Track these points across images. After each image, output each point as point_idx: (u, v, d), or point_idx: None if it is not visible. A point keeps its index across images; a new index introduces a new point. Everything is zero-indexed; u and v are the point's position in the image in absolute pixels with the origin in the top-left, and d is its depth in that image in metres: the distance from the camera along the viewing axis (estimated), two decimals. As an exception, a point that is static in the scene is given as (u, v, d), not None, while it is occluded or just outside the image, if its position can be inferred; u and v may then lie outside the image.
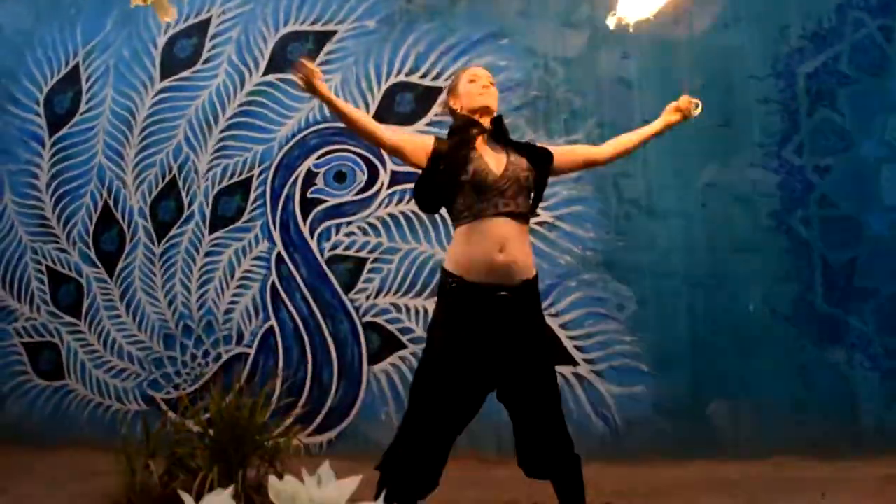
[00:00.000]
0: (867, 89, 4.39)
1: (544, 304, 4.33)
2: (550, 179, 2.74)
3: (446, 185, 2.50)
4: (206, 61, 4.99)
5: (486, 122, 2.63)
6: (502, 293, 2.41)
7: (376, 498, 2.47)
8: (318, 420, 4.44)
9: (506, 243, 2.42)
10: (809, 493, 3.50)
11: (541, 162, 2.65)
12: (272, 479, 0.97)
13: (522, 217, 2.50)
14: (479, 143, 2.60)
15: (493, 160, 2.56)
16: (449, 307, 2.44)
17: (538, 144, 2.78)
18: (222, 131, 4.90)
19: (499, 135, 2.66)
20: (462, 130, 2.61)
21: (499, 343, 2.45)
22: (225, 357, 4.69)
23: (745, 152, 4.41)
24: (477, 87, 2.65)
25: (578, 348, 4.34)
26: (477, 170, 2.49)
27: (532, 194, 2.59)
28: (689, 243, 4.37)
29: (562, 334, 4.36)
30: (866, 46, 4.41)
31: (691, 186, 4.41)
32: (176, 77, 5.01)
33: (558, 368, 4.26)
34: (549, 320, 4.33)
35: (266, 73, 4.90)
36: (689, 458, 4.05)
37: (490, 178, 2.48)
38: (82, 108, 5.10)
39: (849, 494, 3.43)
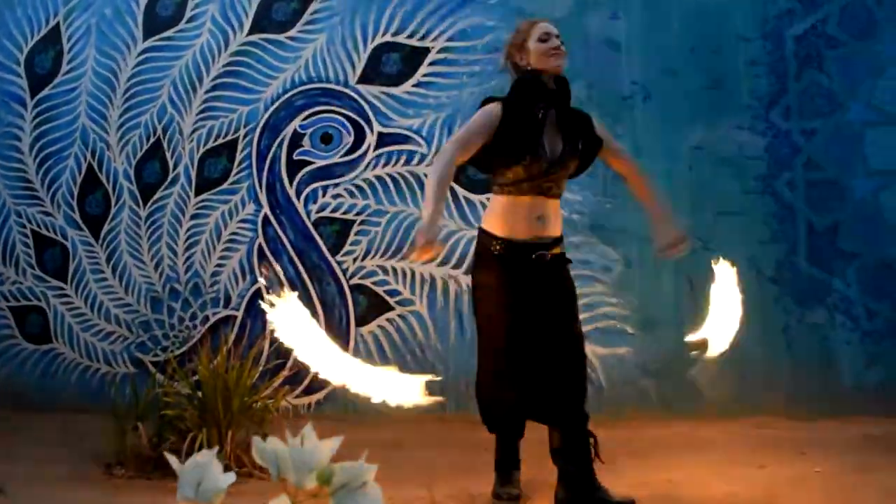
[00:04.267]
0: (855, 53, 4.40)
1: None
2: None
3: (504, 161, 2.60)
4: (190, 20, 4.94)
5: (550, 82, 2.66)
6: (542, 252, 2.61)
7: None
8: (306, 382, 4.49)
9: (545, 218, 2.63)
10: (789, 451, 3.59)
11: (589, 149, 2.76)
12: (256, 439, 1.02)
13: (559, 196, 2.71)
14: (547, 118, 2.65)
15: (552, 142, 2.64)
16: (498, 267, 2.59)
17: (594, 122, 2.81)
18: (207, 92, 4.87)
19: (562, 99, 2.69)
20: (530, 94, 2.64)
21: (542, 293, 2.62)
22: (212, 320, 4.72)
23: (732, 115, 4.43)
24: (549, 48, 2.64)
25: (564, 310, 4.40)
26: (536, 155, 2.58)
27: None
28: (675, 206, 4.36)
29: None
30: (855, 9, 4.41)
31: (678, 149, 4.43)
32: (159, 36, 4.96)
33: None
34: (535, 283, 4.39)
35: (251, 32, 4.86)
36: (672, 418, 4.14)
37: (545, 164, 2.60)
38: (64, 68, 5.05)
39: (828, 453, 3.53)
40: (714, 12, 4.48)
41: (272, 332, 2.45)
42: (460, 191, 4.55)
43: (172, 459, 1.03)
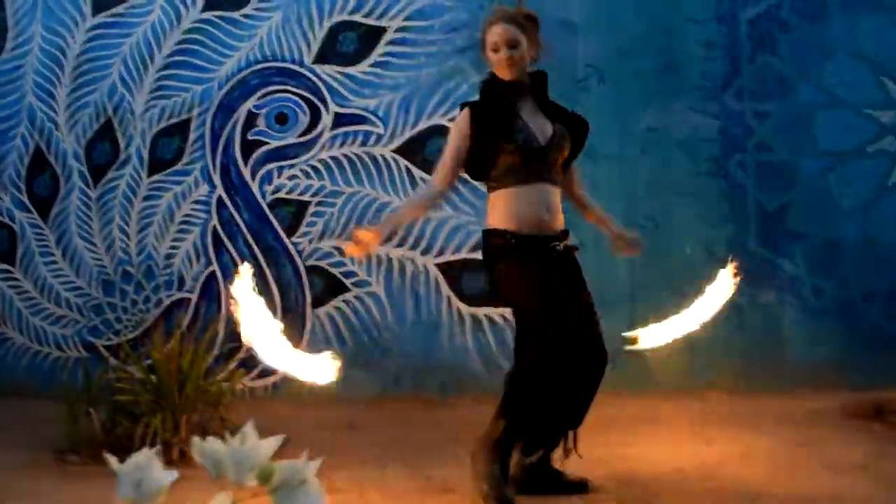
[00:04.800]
0: (806, 36, 4.49)
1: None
2: None
3: (490, 153, 2.56)
4: (141, -4, 4.84)
5: (524, 77, 2.63)
6: (554, 243, 2.58)
7: (525, 451, 2.66)
8: (263, 363, 4.47)
9: (549, 206, 2.58)
10: (738, 427, 3.70)
11: (578, 132, 2.72)
12: (195, 439, 1.02)
13: (558, 184, 2.66)
14: (520, 104, 2.61)
15: (537, 127, 2.60)
16: (515, 255, 2.53)
17: (577, 113, 2.78)
18: (159, 70, 4.79)
19: (538, 92, 2.66)
20: (500, 92, 2.61)
21: (560, 272, 2.62)
22: (166, 302, 4.68)
23: (686, 97, 4.49)
24: (498, 58, 2.59)
25: (521, 291, 4.45)
26: (525, 139, 2.55)
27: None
28: (629, 188, 4.46)
29: (505, 277, 4.44)
30: (807, -7, 4.50)
31: (632, 131, 4.48)
32: (109, 13, 4.85)
33: (500, 311, 4.37)
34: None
35: (204, 9, 4.77)
36: (624, 396, 4.22)
37: (536, 147, 2.56)
38: (8, 44, 4.92)
39: (776, 428, 3.64)
40: (668, -5, 4.53)
41: (228, 314, 2.41)
42: (417, 172, 4.56)
43: (112, 461, 1.03)
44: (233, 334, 4.48)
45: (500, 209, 2.57)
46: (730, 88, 4.50)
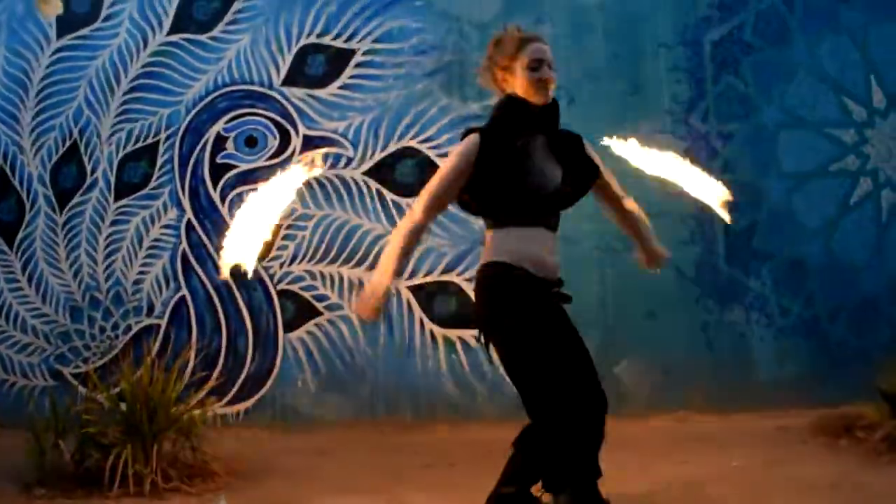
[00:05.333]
0: (769, 58, 4.59)
1: (458, 270, 4.45)
2: None
3: (495, 192, 2.32)
4: (107, 19, 4.82)
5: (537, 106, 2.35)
6: (556, 289, 2.37)
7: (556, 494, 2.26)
8: (234, 389, 4.46)
9: (551, 251, 2.38)
10: (709, 446, 3.75)
11: (586, 178, 2.51)
12: None
13: (557, 229, 2.44)
14: (535, 141, 2.37)
15: (548, 169, 2.38)
16: (517, 291, 2.30)
17: (588, 152, 2.54)
18: (125, 93, 4.76)
19: (550, 123, 2.41)
20: (520, 120, 2.35)
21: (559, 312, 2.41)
22: (135, 329, 4.63)
23: (654, 119, 4.56)
24: (538, 78, 2.31)
25: (493, 313, 4.47)
26: (535, 184, 2.32)
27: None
28: (599, 209, 4.50)
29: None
30: (769, 16, 4.60)
31: (602, 153, 4.53)
32: (74, 35, 4.83)
33: (473, 333, 4.38)
34: (463, 285, 4.45)
35: (171, 32, 4.77)
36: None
37: (544, 194, 2.34)
38: (-29, 67, 4.87)
39: (745, 447, 3.69)
40: (636, 19, 4.61)
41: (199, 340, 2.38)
42: (388, 194, 4.58)
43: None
44: (204, 360, 4.46)
45: (504, 244, 2.32)
46: (695, 110, 4.58)
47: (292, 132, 4.65)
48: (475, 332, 4.30)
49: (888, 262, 4.54)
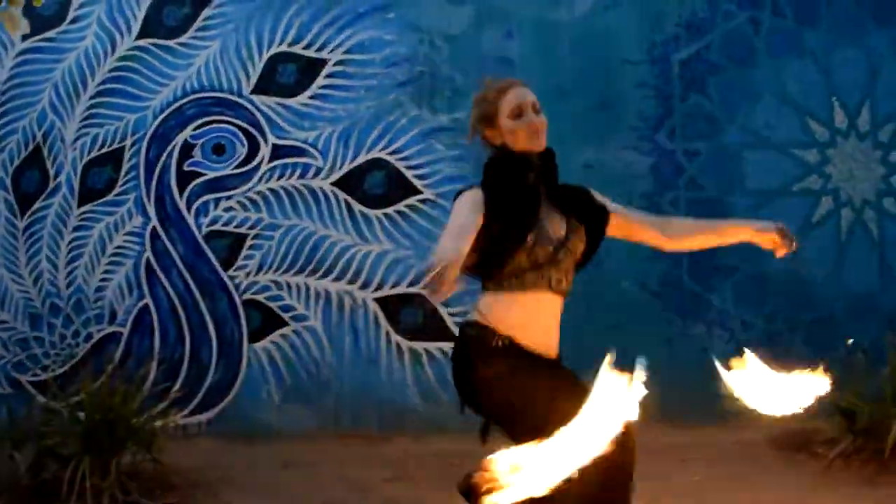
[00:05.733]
0: (734, 78, 4.69)
1: (424, 283, 4.44)
2: (441, 158, 2.26)
3: (496, 249, 2.11)
4: (74, 21, 4.76)
5: (534, 155, 2.20)
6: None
7: None
8: (197, 399, 4.41)
9: (552, 324, 2.17)
10: (669, 458, 3.79)
11: (595, 224, 2.26)
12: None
13: (567, 294, 2.22)
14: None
15: (552, 224, 2.18)
16: (501, 356, 2.10)
17: (593, 194, 2.33)
18: (91, 98, 4.71)
19: (548, 173, 2.24)
20: (518, 173, 2.17)
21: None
22: (96, 337, 4.56)
23: (621, 135, 4.62)
24: (524, 126, 2.17)
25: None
26: (538, 238, 2.12)
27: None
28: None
29: (442, 311, 4.48)
30: (735, 37, 4.70)
31: (570, 168, 4.55)
32: (40, 37, 4.76)
33: (439, 345, 4.41)
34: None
35: (140, 36, 4.73)
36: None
37: (550, 247, 2.14)
38: (-68, 67, 4.78)
39: (705, 461, 3.74)
40: (603, 35, 4.67)
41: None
42: (356, 205, 4.58)
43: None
44: (166, 370, 4.42)
45: (497, 309, 2.14)
46: (662, 128, 4.66)
47: (261, 141, 4.63)
48: (441, 343, 4.35)
49: (847, 278, 4.64)
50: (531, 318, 2.12)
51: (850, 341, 4.50)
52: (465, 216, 2.07)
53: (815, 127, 4.70)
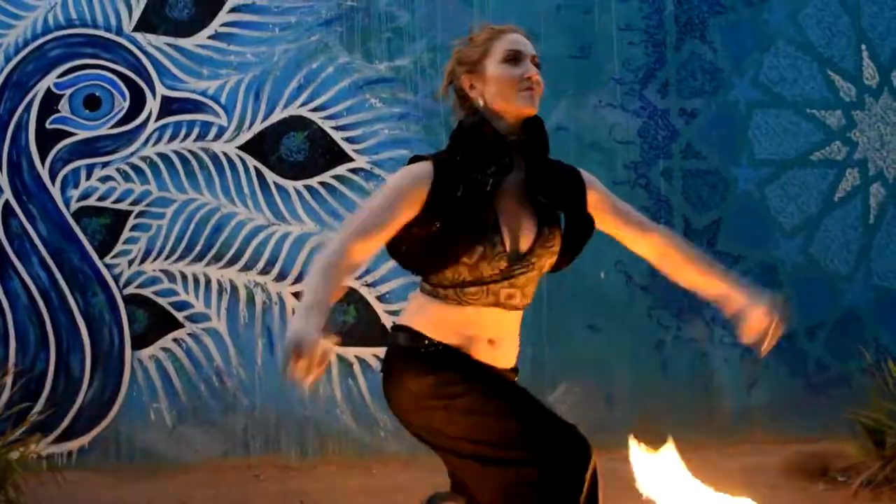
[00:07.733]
0: (742, 21, 4.76)
1: (359, 274, 4.45)
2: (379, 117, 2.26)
3: (439, 249, 2.09)
4: None
5: (515, 126, 2.14)
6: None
7: None
8: (66, 422, 4.37)
9: (503, 337, 2.17)
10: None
11: (578, 227, 2.20)
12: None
13: (524, 307, 2.21)
14: (505, 185, 2.12)
15: (517, 229, 2.13)
16: (437, 363, 2.11)
17: (585, 182, 2.23)
18: (-76, 34, 4.61)
19: (533, 152, 2.17)
20: (484, 150, 2.12)
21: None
22: (-65, 345, 4.49)
23: (602, 89, 4.68)
24: (518, 76, 2.11)
25: (401, 326, 4.51)
26: (486, 253, 2.08)
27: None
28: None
29: (378, 308, 4.50)
30: (744, -30, 4.78)
31: (538, 129, 4.62)
32: None
33: (374, 351, 4.42)
34: (363, 291, 4.48)
35: (-15, -43, 4.63)
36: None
37: (504, 261, 2.10)
38: None
39: (713, 486, 3.81)
40: (583, -36, 4.72)
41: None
42: (270, 175, 4.55)
43: None
44: (26, 386, 4.35)
45: (425, 319, 2.15)
46: (652, 81, 4.71)
47: (148, 92, 4.58)
48: (376, 350, 4.37)
49: (876, 268, 4.78)
50: (470, 335, 2.13)
51: (879, 346, 4.65)
52: (377, 212, 2.06)
53: (839, 83, 4.82)
